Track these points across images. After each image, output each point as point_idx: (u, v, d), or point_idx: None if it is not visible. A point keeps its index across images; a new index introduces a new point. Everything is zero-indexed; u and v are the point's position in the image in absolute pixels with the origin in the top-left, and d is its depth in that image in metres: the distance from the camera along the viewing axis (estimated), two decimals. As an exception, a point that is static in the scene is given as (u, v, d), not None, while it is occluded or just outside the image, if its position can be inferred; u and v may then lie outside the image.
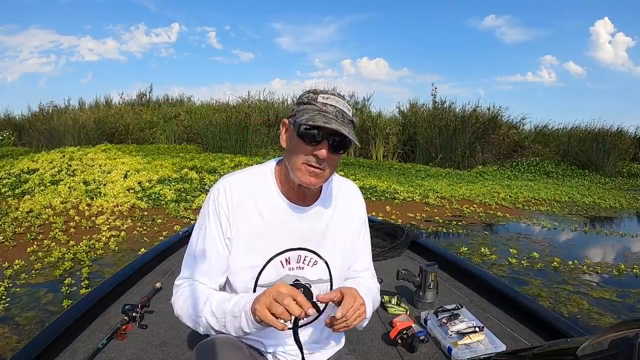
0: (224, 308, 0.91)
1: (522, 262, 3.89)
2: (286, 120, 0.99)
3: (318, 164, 0.92)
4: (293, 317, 0.82)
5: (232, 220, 0.98)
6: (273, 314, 0.81)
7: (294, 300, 0.81)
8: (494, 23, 26.12)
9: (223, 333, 0.92)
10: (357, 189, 1.17)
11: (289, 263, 1.02)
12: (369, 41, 31.76)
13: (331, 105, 0.92)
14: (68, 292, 2.94)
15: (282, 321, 0.81)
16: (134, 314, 1.61)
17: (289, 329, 0.85)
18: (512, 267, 3.78)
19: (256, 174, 1.04)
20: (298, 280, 1.02)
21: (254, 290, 1.00)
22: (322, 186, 1.06)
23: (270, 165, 1.06)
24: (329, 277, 1.06)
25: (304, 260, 1.03)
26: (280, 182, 1.02)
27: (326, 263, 1.05)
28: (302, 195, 1.02)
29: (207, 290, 0.98)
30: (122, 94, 15.63)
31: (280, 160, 1.04)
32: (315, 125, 0.88)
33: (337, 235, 1.08)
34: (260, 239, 0.99)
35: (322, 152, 0.90)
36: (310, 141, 0.91)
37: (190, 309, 0.96)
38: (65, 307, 2.65)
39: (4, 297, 2.86)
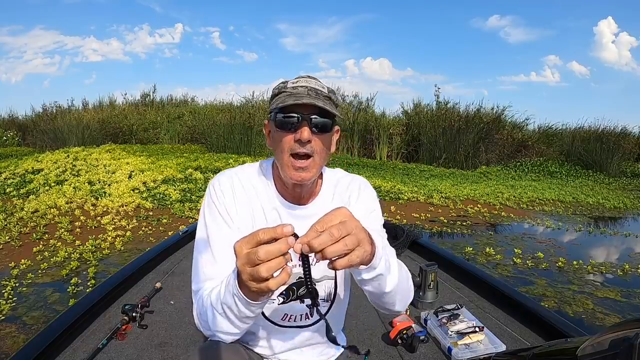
0: (221, 301, 0.80)
1: (527, 262, 3.87)
2: (266, 121, 0.98)
3: (305, 150, 0.87)
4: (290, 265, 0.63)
5: (232, 209, 0.95)
6: (259, 278, 0.63)
7: (267, 242, 0.62)
8: (497, 23, 26.03)
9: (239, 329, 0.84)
10: (363, 183, 1.08)
11: (291, 260, 1.00)
12: (372, 41, 31.76)
13: (301, 86, 0.89)
14: (74, 291, 2.96)
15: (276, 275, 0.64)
16: (134, 314, 1.62)
17: (301, 279, 0.69)
18: (517, 267, 3.76)
19: (256, 170, 1.03)
20: (301, 278, 1.01)
21: None
22: (320, 185, 1.03)
23: (269, 162, 1.04)
24: (333, 275, 1.04)
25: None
26: (276, 180, 1.01)
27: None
28: (298, 195, 0.99)
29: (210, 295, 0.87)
30: (125, 94, 15.67)
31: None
32: (286, 105, 0.85)
33: None
34: None
35: (304, 134, 0.85)
36: (289, 127, 0.87)
37: (204, 324, 0.88)
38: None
39: (10, 296, 2.88)
